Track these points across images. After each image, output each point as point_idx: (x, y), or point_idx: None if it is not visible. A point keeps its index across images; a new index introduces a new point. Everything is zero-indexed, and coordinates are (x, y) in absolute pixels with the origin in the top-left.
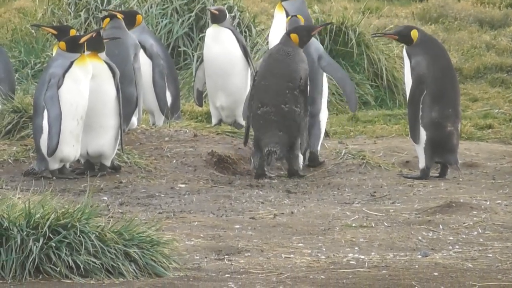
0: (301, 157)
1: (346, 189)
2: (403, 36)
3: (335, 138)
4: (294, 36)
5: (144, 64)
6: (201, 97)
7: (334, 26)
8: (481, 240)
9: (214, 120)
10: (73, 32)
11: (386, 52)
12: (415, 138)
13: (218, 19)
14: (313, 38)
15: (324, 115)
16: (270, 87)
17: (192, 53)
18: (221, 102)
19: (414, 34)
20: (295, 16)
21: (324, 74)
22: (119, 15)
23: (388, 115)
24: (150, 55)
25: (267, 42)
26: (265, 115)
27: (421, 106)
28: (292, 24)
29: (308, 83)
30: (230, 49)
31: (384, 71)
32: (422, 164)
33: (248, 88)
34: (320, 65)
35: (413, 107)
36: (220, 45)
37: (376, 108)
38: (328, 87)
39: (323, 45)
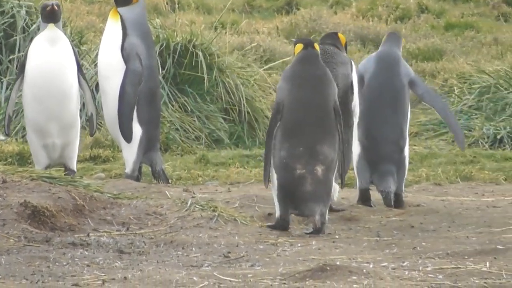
0: (336, 187)
1: (193, 249)
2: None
3: (179, 184)
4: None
5: None
6: (10, 124)
7: (179, 45)
8: None
9: (40, 165)
10: None
11: (245, 77)
12: (265, 179)
13: (55, 16)
14: (401, 57)
15: (407, 149)
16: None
17: (0, 79)
18: (53, 138)
19: (298, 48)
20: (394, 33)
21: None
22: None
23: (246, 156)
24: None
25: (95, 63)
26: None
27: (273, 141)
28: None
29: (350, 94)
30: (69, 63)
31: (242, 101)
32: (277, 212)
33: (79, 119)
34: (416, 93)
35: (267, 142)
36: (57, 54)
37: (231, 147)
38: None
39: (163, 68)
